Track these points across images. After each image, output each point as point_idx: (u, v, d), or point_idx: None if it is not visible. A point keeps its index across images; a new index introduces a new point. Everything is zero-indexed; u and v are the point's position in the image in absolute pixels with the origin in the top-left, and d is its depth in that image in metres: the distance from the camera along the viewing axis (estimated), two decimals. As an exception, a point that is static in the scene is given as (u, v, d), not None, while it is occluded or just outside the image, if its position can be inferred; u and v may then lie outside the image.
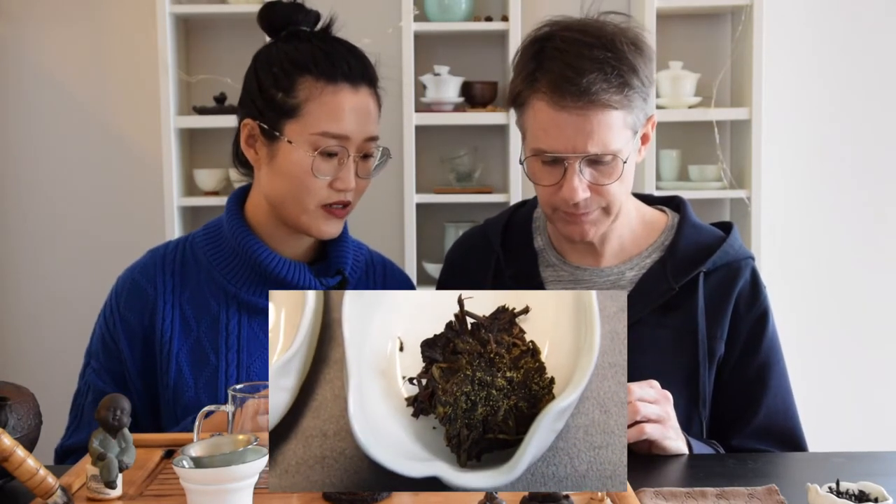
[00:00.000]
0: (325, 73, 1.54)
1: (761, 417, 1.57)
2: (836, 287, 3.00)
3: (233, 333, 1.61)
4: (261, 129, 1.57)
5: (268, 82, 1.57)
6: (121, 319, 1.62)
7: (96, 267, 2.97)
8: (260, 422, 1.23)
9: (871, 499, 1.11)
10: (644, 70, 1.50)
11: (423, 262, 2.94)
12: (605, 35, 1.49)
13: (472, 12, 2.88)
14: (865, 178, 3.00)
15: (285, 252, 1.63)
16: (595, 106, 1.46)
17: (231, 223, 1.63)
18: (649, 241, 1.64)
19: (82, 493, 1.18)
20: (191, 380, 1.58)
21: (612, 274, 1.62)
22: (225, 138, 2.93)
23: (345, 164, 1.54)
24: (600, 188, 1.51)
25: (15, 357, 3.01)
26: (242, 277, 1.61)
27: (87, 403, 1.61)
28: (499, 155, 3.01)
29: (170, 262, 1.65)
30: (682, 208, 1.67)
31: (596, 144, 1.47)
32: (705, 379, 1.56)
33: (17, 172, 3.00)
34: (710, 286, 1.59)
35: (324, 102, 1.53)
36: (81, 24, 2.97)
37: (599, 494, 1.13)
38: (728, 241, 1.61)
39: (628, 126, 1.50)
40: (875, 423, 2.99)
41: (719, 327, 1.57)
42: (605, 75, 1.46)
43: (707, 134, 2.89)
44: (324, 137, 1.53)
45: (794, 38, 2.98)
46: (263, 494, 1.15)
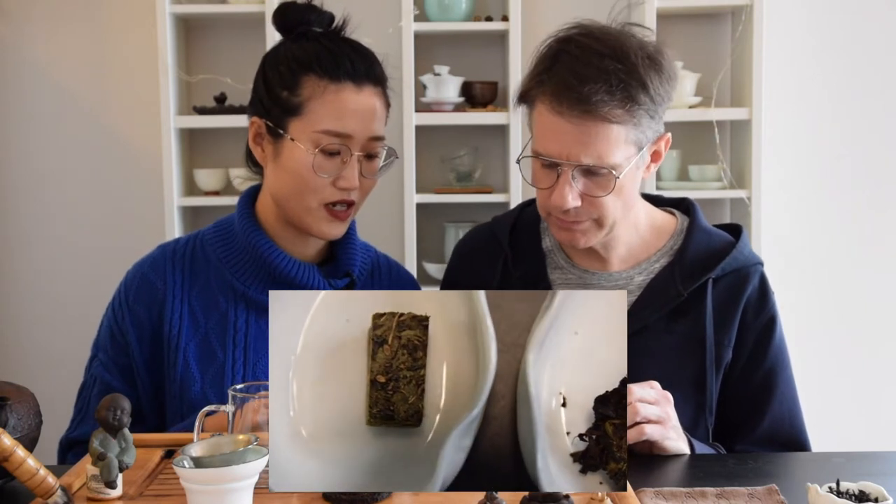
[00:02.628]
0: (329, 71, 1.55)
1: (766, 424, 1.57)
2: (836, 287, 3.00)
3: (240, 331, 1.62)
4: (267, 128, 1.59)
5: (274, 81, 1.58)
6: (130, 312, 1.62)
7: (97, 267, 2.97)
8: (260, 422, 1.23)
9: (871, 499, 1.11)
10: (656, 86, 1.46)
11: (423, 262, 2.94)
12: (621, 46, 1.46)
13: (472, 12, 2.88)
14: (865, 177, 3.00)
15: (294, 252, 1.64)
16: (592, 117, 1.43)
17: (242, 222, 1.63)
18: (658, 246, 1.63)
19: (82, 493, 1.18)
20: (197, 375, 1.59)
21: (621, 279, 1.61)
22: (225, 138, 2.94)
23: (348, 163, 1.55)
24: (593, 199, 1.49)
25: (15, 357, 3.01)
26: (251, 276, 1.62)
27: (94, 395, 1.62)
28: (499, 155, 3.01)
29: (179, 258, 1.66)
30: (691, 212, 1.66)
31: (590, 156, 1.45)
32: (712, 385, 1.55)
33: (17, 172, 3.00)
34: (719, 292, 1.58)
35: (326, 101, 1.54)
36: (81, 24, 2.97)
37: (599, 494, 1.13)
38: (738, 247, 1.59)
39: (631, 142, 1.47)
40: (875, 423, 2.99)
41: (727, 334, 1.57)
42: (608, 87, 1.42)
43: (707, 134, 2.89)
44: (325, 135, 1.53)
45: (794, 38, 2.98)
46: (263, 494, 1.15)
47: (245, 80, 2.86)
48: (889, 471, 1.40)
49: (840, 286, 3.00)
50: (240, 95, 2.87)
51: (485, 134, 2.99)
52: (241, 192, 1.70)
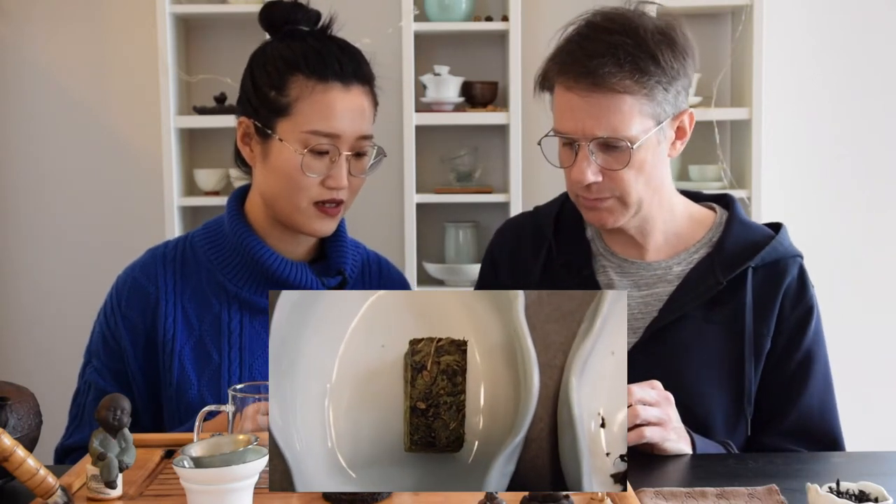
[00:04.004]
0: (316, 71, 1.55)
1: (794, 417, 1.55)
2: (836, 286, 3.00)
3: (234, 332, 1.61)
4: (255, 128, 1.59)
5: (262, 80, 1.58)
6: (123, 318, 1.62)
7: (96, 267, 2.97)
8: (260, 422, 1.23)
9: (871, 499, 1.11)
10: (668, 59, 1.48)
11: (423, 262, 2.94)
12: (630, 22, 1.49)
13: (472, 12, 2.88)
14: (865, 177, 3.00)
15: (285, 251, 1.63)
16: (602, 90, 1.46)
17: (232, 222, 1.63)
18: (697, 237, 1.63)
19: (82, 493, 1.18)
20: (194, 378, 1.59)
21: (660, 268, 1.62)
22: (225, 138, 2.94)
23: (336, 163, 1.55)
24: (612, 174, 1.50)
25: (15, 357, 3.01)
26: (243, 277, 1.62)
27: (88, 402, 1.61)
28: (499, 155, 3.01)
29: (170, 261, 1.65)
30: (731, 206, 1.67)
31: (604, 128, 1.47)
32: (751, 375, 1.55)
33: (17, 172, 3.00)
34: (758, 282, 1.58)
35: (314, 101, 1.54)
36: (81, 24, 2.97)
37: (599, 494, 1.13)
38: (777, 239, 1.60)
39: (647, 115, 1.49)
40: (875, 423, 2.99)
41: (766, 324, 1.56)
42: (616, 59, 1.45)
43: (707, 134, 2.89)
44: (314, 136, 1.53)
45: (794, 38, 2.98)
46: (263, 494, 1.15)
47: (245, 80, 2.87)
48: (889, 471, 1.40)
49: (840, 286, 3.00)
50: (240, 95, 2.87)
51: (485, 134, 2.99)
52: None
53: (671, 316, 1.56)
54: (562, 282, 1.63)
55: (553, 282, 1.64)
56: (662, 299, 1.58)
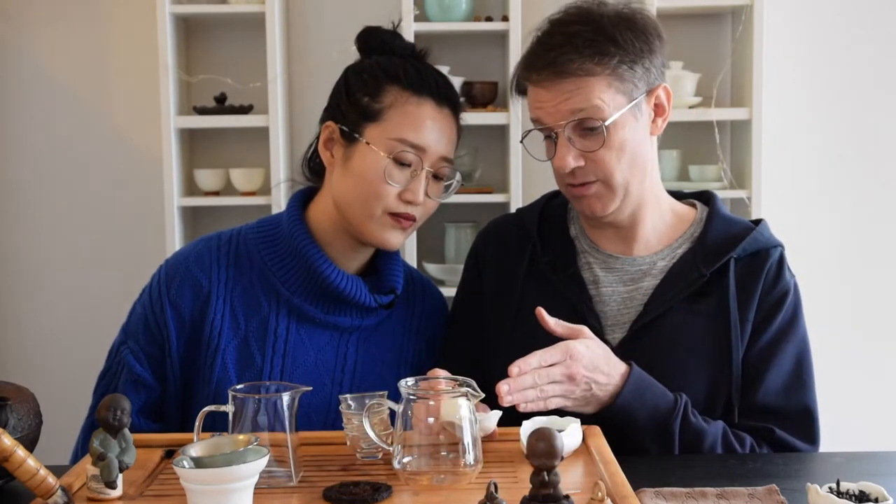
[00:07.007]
0: (413, 84, 1.59)
1: (760, 394, 1.56)
2: (836, 286, 3.00)
3: (280, 338, 1.60)
4: (341, 132, 1.60)
5: (356, 87, 1.61)
6: (171, 306, 1.59)
7: (97, 267, 2.97)
8: (260, 422, 1.23)
9: (871, 499, 1.11)
10: (628, 38, 1.52)
11: (423, 262, 2.94)
12: (588, 13, 1.55)
13: (472, 12, 2.88)
14: (865, 177, 3.00)
15: (341, 262, 1.63)
16: (563, 76, 1.51)
17: (291, 226, 1.62)
18: (679, 232, 1.67)
19: (82, 493, 1.19)
20: (235, 378, 1.57)
21: (644, 263, 1.64)
22: (225, 138, 2.94)
23: (417, 177, 1.56)
24: (593, 156, 1.54)
25: (15, 357, 3.01)
26: (297, 282, 1.60)
27: (121, 383, 1.59)
28: (499, 155, 3.01)
29: (224, 255, 1.63)
30: (711, 201, 1.70)
31: (572, 111, 1.52)
32: (738, 362, 1.56)
33: (17, 172, 2.99)
34: (740, 272, 1.60)
35: (407, 112, 1.57)
36: (81, 24, 2.97)
37: (599, 494, 1.13)
38: (758, 230, 1.63)
39: (617, 92, 1.53)
40: (875, 423, 2.98)
41: (749, 309, 1.58)
42: (574, 47, 1.51)
43: (707, 134, 2.89)
44: (401, 144, 1.56)
45: (795, 38, 2.97)
46: (263, 494, 1.15)
47: (245, 80, 2.87)
48: (889, 471, 1.40)
49: (840, 286, 3.00)
50: (240, 95, 2.87)
51: (485, 134, 2.99)
52: (241, 192, 1.70)
53: (657, 310, 1.58)
54: (547, 280, 1.65)
55: (538, 281, 1.66)
56: (648, 294, 1.60)
